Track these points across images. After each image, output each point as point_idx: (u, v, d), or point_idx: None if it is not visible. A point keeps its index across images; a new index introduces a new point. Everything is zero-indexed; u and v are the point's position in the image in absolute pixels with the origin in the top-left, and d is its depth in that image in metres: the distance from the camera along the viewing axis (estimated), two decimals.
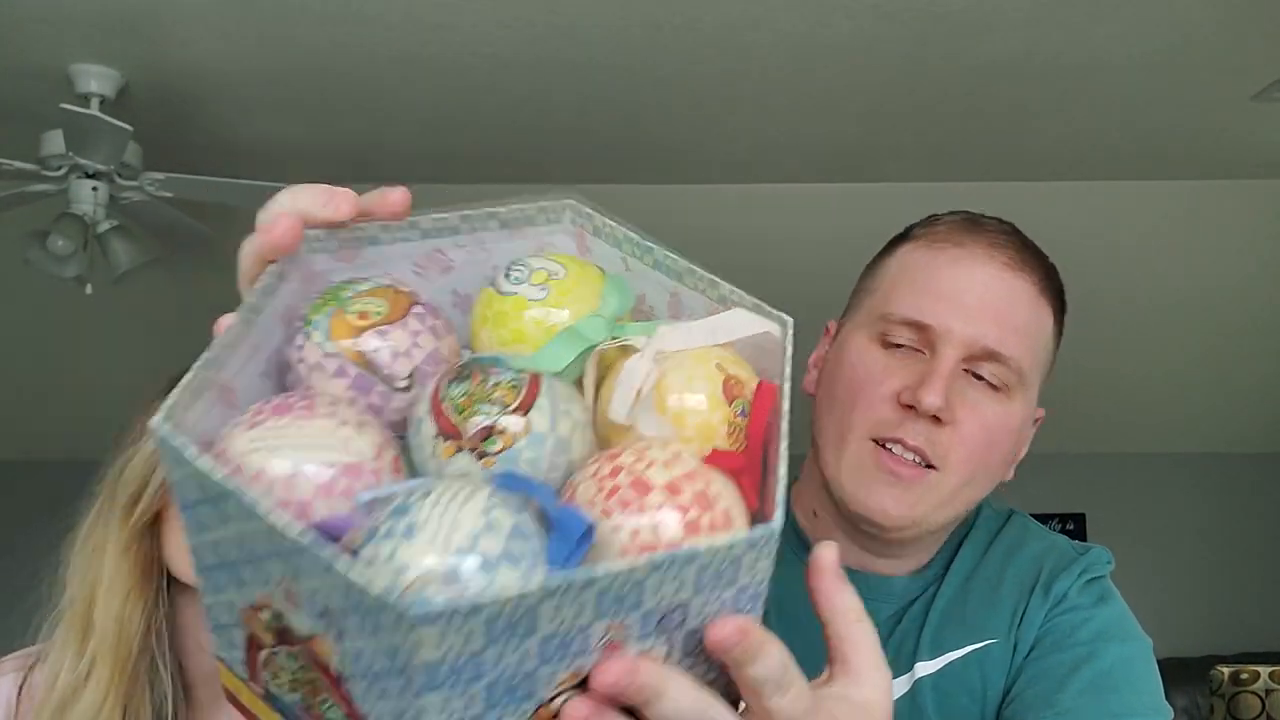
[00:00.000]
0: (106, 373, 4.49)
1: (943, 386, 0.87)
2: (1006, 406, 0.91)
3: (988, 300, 0.90)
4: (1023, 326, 0.92)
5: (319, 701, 0.47)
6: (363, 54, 2.96)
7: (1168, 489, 5.19)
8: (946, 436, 0.88)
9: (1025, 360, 0.91)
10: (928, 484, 0.89)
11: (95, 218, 3.10)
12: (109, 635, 0.97)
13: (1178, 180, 3.96)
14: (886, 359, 0.91)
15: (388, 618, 0.39)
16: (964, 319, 0.89)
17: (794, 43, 2.91)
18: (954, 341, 0.89)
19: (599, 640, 0.45)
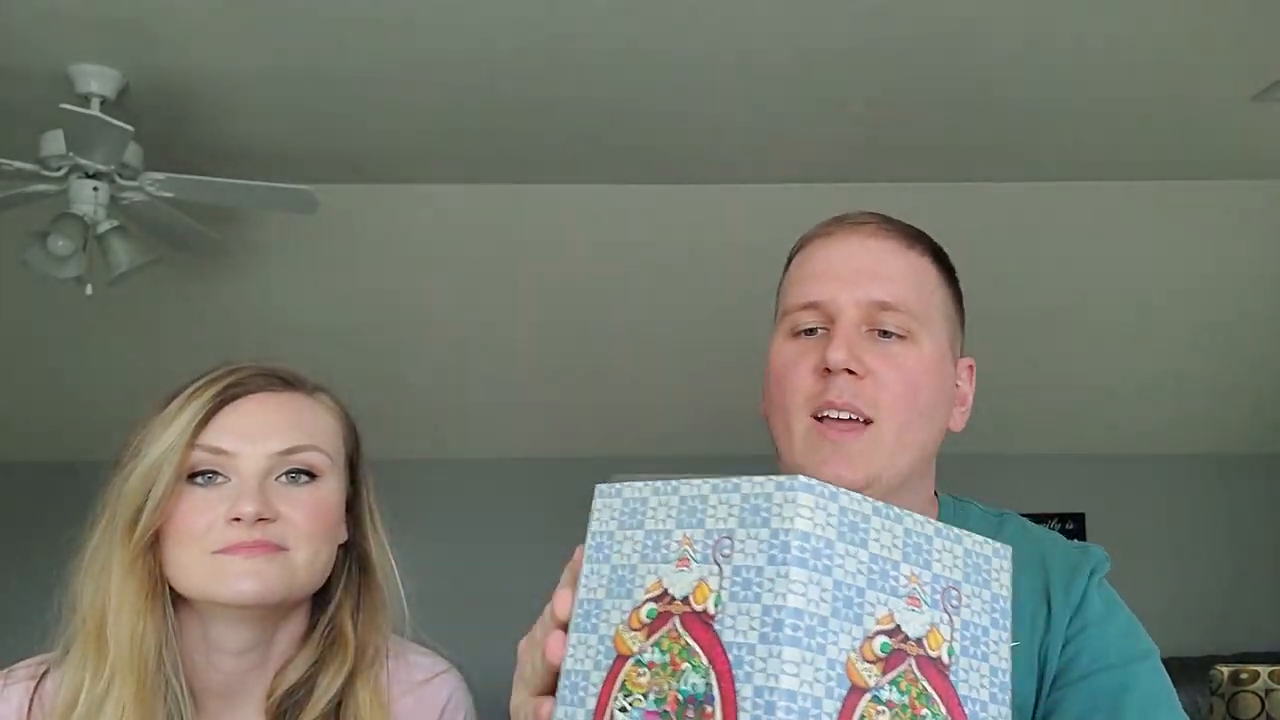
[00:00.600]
0: (106, 373, 4.49)
1: (844, 342, 0.95)
2: (915, 349, 0.98)
3: (863, 263, 1.00)
4: (900, 275, 1.00)
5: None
6: (363, 55, 2.96)
7: (1168, 489, 5.19)
8: (868, 387, 0.96)
9: (914, 303, 0.99)
10: (869, 437, 0.96)
11: (95, 218, 3.10)
12: (124, 653, 0.97)
13: (1178, 180, 3.96)
14: (799, 345, 1.00)
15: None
16: (846, 284, 0.99)
17: (794, 43, 2.91)
18: (845, 305, 0.98)
19: (903, 587, 0.56)
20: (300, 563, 1.01)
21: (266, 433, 1.02)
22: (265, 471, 1.01)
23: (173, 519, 0.99)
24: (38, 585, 1.06)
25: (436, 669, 1.10)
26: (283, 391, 1.06)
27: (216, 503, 1.00)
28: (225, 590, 0.98)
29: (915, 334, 0.98)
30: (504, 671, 2.06)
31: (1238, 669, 4.13)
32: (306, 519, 1.02)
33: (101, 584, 1.00)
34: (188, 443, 1.00)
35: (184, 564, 0.99)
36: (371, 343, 4.43)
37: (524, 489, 5.10)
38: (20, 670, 1.04)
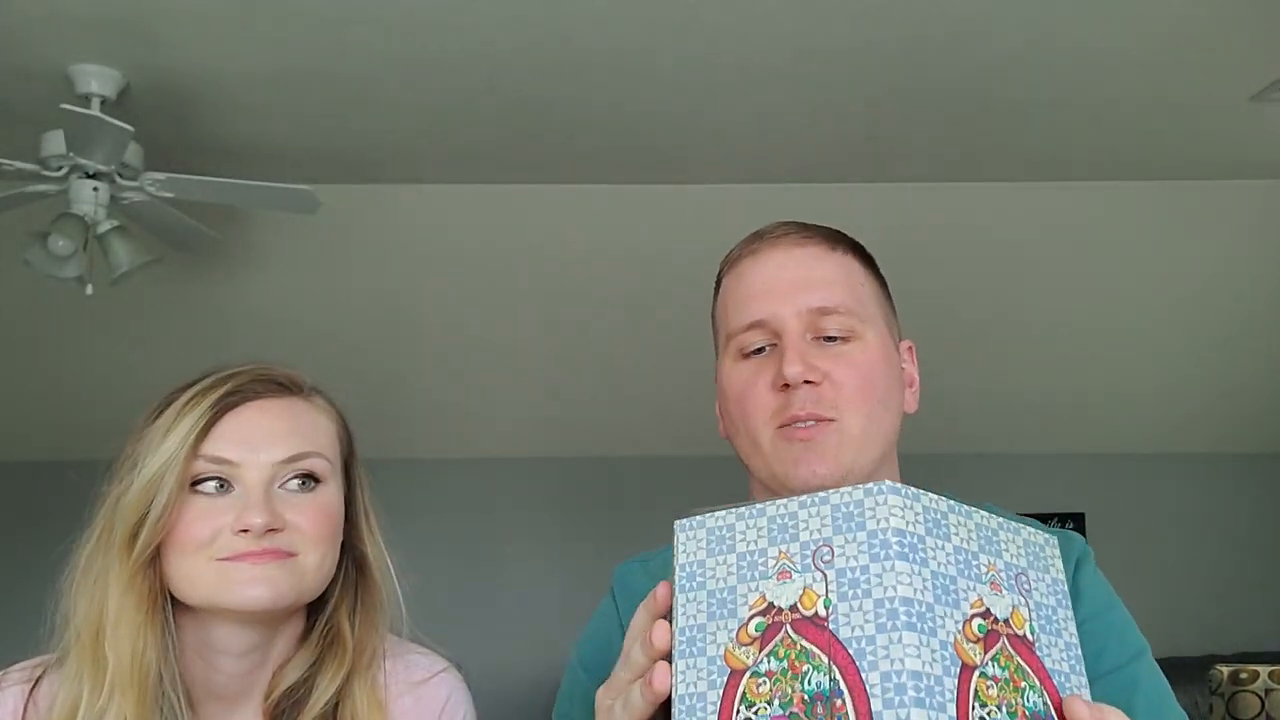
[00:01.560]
0: (106, 373, 4.49)
1: (796, 355, 0.98)
2: (861, 344, 1.02)
3: (793, 274, 1.03)
4: (832, 277, 1.03)
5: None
6: (363, 54, 2.96)
7: (1167, 489, 5.19)
8: (827, 391, 0.99)
9: (850, 301, 1.03)
10: (835, 434, 0.99)
11: (95, 218, 3.10)
12: (125, 668, 0.96)
13: (1177, 180, 3.96)
14: (751, 365, 1.03)
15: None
16: (784, 298, 1.02)
17: (792, 44, 2.91)
18: (787, 318, 1.01)
19: (985, 574, 0.63)
20: (309, 567, 1.01)
21: (269, 441, 1.02)
22: (270, 480, 1.01)
23: (175, 529, 0.99)
24: (37, 585, 1.06)
25: (435, 668, 1.10)
26: (282, 397, 1.05)
27: (221, 512, 0.99)
28: (234, 598, 0.98)
29: (858, 331, 1.02)
30: (502, 669, 2.08)
31: (1238, 669, 4.13)
32: (313, 525, 1.02)
33: (97, 598, 0.99)
34: (189, 453, 0.99)
35: (189, 573, 0.99)
36: (371, 342, 4.43)
37: (524, 489, 5.10)
38: (15, 674, 1.04)
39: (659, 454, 5.08)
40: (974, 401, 4.66)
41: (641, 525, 4.65)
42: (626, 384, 4.73)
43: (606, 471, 5.10)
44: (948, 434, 4.60)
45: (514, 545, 5.08)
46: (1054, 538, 0.75)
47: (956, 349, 4.34)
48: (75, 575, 1.01)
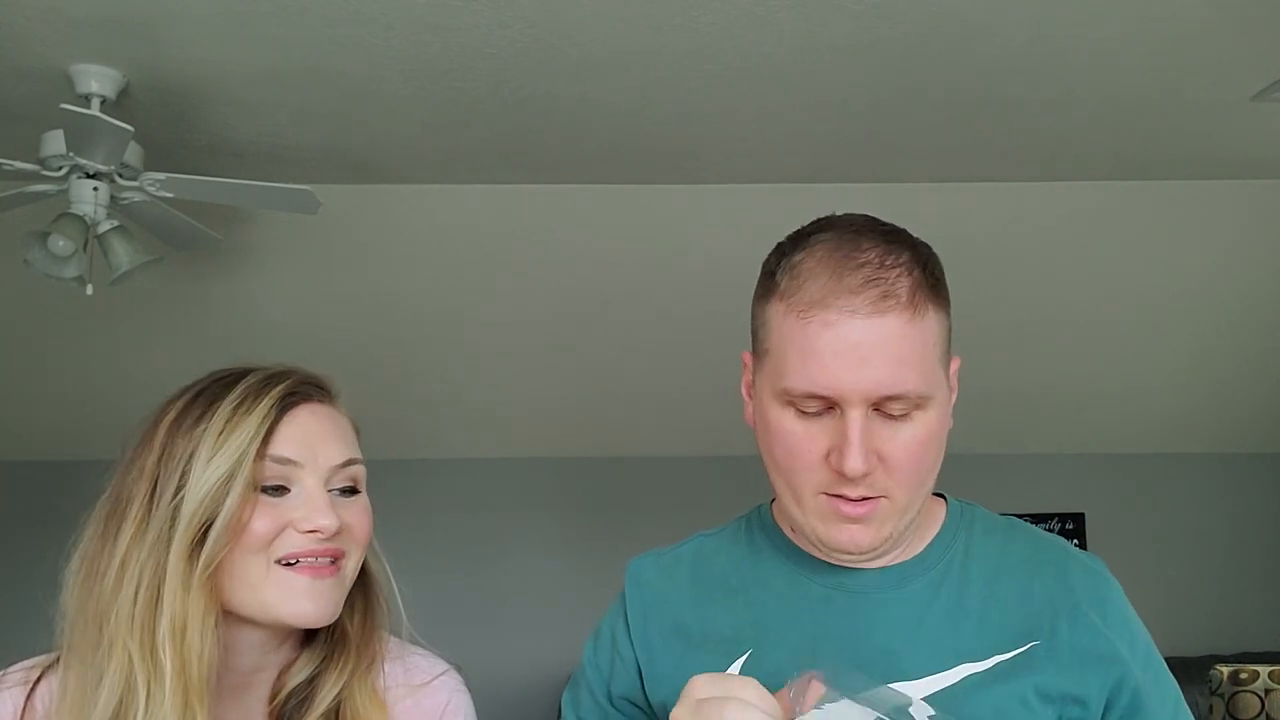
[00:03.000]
0: (106, 373, 4.49)
1: (858, 451, 0.94)
2: (922, 422, 0.98)
3: (867, 352, 0.95)
4: (907, 357, 0.96)
5: None
6: (363, 54, 2.96)
7: (1167, 489, 5.19)
8: (881, 476, 0.97)
9: (921, 384, 0.96)
10: (883, 511, 0.98)
11: (95, 218, 3.10)
12: (195, 672, 0.95)
13: (1178, 180, 3.96)
14: (805, 425, 0.98)
15: None
16: (853, 379, 0.94)
17: (794, 43, 2.91)
18: (853, 401, 0.95)
19: None
20: (349, 574, 1.03)
21: (326, 443, 1.03)
22: (325, 481, 1.02)
23: (240, 531, 0.98)
24: (37, 585, 1.06)
25: (435, 670, 1.10)
26: (326, 402, 1.07)
27: (283, 513, 1.00)
28: (285, 608, 0.98)
29: (922, 405, 0.97)
30: (503, 670, 2.08)
31: (1238, 669, 4.13)
32: (361, 529, 1.04)
33: (145, 600, 0.96)
34: (258, 453, 0.98)
35: (249, 575, 0.98)
36: (372, 343, 4.43)
37: (525, 489, 5.10)
38: (13, 675, 1.03)
39: (661, 454, 5.09)
40: (974, 402, 4.64)
41: (644, 525, 4.66)
42: (629, 384, 4.73)
43: (609, 471, 5.11)
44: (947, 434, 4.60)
45: (515, 545, 5.08)
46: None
47: (956, 349, 4.33)
48: (102, 581, 0.98)
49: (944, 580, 1.04)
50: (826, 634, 1.01)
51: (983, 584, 1.04)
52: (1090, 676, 1.00)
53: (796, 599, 1.04)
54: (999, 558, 1.07)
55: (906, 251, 1.01)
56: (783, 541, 1.09)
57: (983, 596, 1.03)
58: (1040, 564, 1.06)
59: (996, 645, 1.01)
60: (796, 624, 1.02)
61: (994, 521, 1.11)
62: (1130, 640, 1.04)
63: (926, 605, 1.03)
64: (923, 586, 1.04)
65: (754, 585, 1.07)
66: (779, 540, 1.09)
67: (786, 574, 1.07)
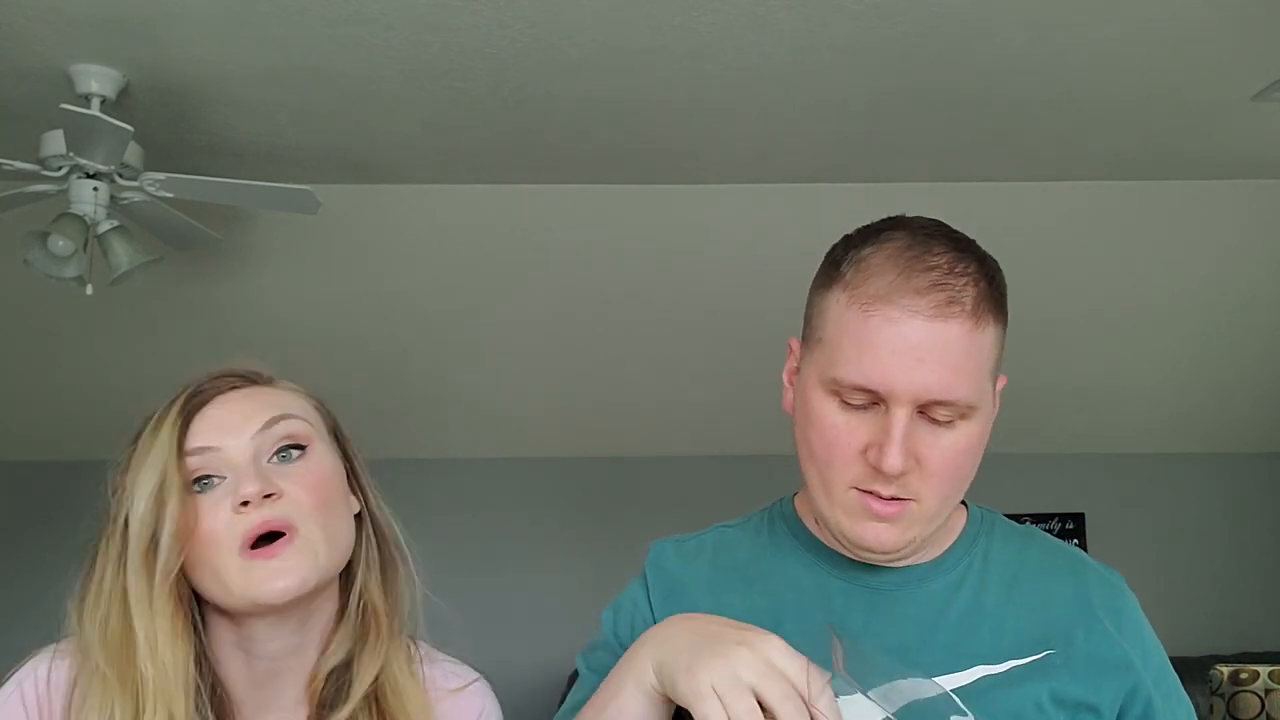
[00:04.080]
0: (106, 373, 4.49)
1: (899, 449, 0.94)
2: (964, 433, 0.98)
3: (924, 354, 0.95)
4: (962, 365, 0.96)
5: None
6: (363, 54, 2.96)
7: (1167, 489, 5.19)
8: (915, 479, 0.97)
9: (971, 394, 0.97)
10: (911, 514, 0.99)
11: (95, 218, 3.10)
12: (167, 680, 0.96)
13: (1178, 180, 3.96)
14: (847, 417, 0.98)
15: None
16: (906, 378, 0.94)
17: (794, 43, 2.91)
18: (902, 400, 0.95)
19: None
20: (317, 539, 1.00)
21: (243, 420, 1.02)
22: (254, 454, 1.01)
23: (192, 534, 0.99)
24: (37, 583, 1.06)
25: (469, 678, 1.11)
26: (244, 388, 1.06)
27: (221, 500, 0.99)
28: (258, 591, 0.98)
29: (967, 415, 0.98)
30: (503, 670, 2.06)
31: (1238, 669, 4.13)
32: (308, 492, 1.01)
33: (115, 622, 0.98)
34: (176, 455, 0.99)
35: (217, 573, 0.99)
36: (371, 342, 4.43)
37: (525, 489, 5.10)
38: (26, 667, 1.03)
39: (663, 454, 5.09)
40: None
41: (644, 525, 4.65)
42: (631, 384, 4.73)
43: (610, 471, 5.10)
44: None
45: (515, 545, 5.08)
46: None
47: None
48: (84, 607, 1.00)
49: (963, 583, 1.06)
50: (842, 628, 1.01)
51: (1001, 589, 1.06)
52: (1104, 685, 1.01)
53: (815, 592, 1.06)
54: (1017, 564, 1.08)
55: (975, 262, 1.02)
56: (805, 534, 1.10)
57: (1000, 601, 1.05)
58: (1058, 573, 1.08)
59: (1012, 650, 1.01)
60: (813, 617, 1.03)
61: (1013, 529, 1.13)
62: (1144, 653, 1.05)
63: (944, 606, 1.04)
64: (942, 588, 1.05)
65: (773, 575, 1.08)
66: (801, 533, 1.10)
67: (806, 566, 1.08)
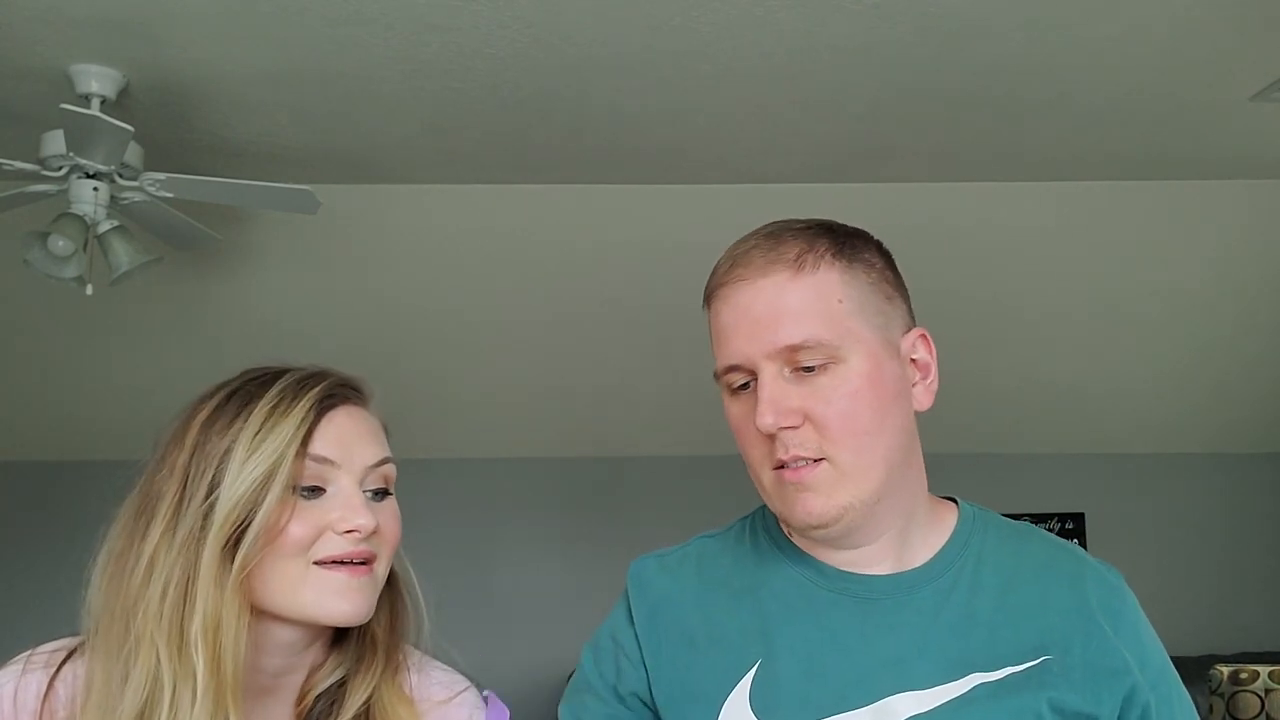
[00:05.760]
0: (106, 373, 4.49)
1: (767, 407, 0.96)
2: (841, 372, 0.98)
3: (760, 311, 0.99)
4: (799, 307, 0.98)
5: None
6: (363, 54, 2.96)
7: (1167, 489, 5.19)
8: (808, 433, 0.97)
9: (821, 330, 0.98)
10: (826, 474, 0.98)
11: (95, 218, 3.10)
12: (228, 673, 0.94)
13: (1178, 180, 3.96)
14: (740, 403, 1.02)
15: None
16: (751, 339, 0.99)
17: (793, 43, 2.91)
18: (758, 361, 0.98)
19: None
20: (380, 575, 1.02)
21: (361, 444, 1.03)
22: (359, 482, 1.02)
23: (279, 533, 0.97)
24: (37, 583, 1.06)
25: (457, 687, 1.10)
26: (360, 404, 1.07)
27: (319, 516, 0.99)
28: (323, 609, 0.97)
29: (837, 356, 0.98)
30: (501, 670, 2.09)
31: (1238, 669, 4.13)
32: (392, 533, 1.04)
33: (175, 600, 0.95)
34: (297, 453, 0.98)
35: (288, 578, 0.98)
36: (371, 342, 4.43)
37: (524, 489, 5.10)
38: (38, 657, 1.03)
39: (660, 454, 5.08)
40: (973, 402, 4.66)
41: (643, 525, 4.67)
42: (627, 384, 4.73)
43: (607, 472, 5.10)
44: (947, 434, 4.60)
45: (515, 546, 5.08)
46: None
47: (955, 349, 4.31)
48: (130, 577, 0.97)
49: (954, 587, 1.02)
50: (833, 641, 1.00)
51: (995, 592, 1.02)
52: (1103, 693, 0.99)
53: (803, 605, 1.03)
54: (1013, 566, 1.05)
55: (800, 226, 1.04)
56: (786, 544, 1.08)
57: (994, 605, 1.01)
58: (1055, 574, 1.05)
59: (1008, 656, 0.99)
60: (803, 631, 1.01)
61: (1009, 528, 1.09)
62: (1141, 654, 1.03)
63: (935, 613, 1.01)
64: (932, 594, 1.02)
65: (760, 588, 1.05)
66: (783, 542, 1.08)
67: (791, 578, 1.05)
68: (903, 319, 1.05)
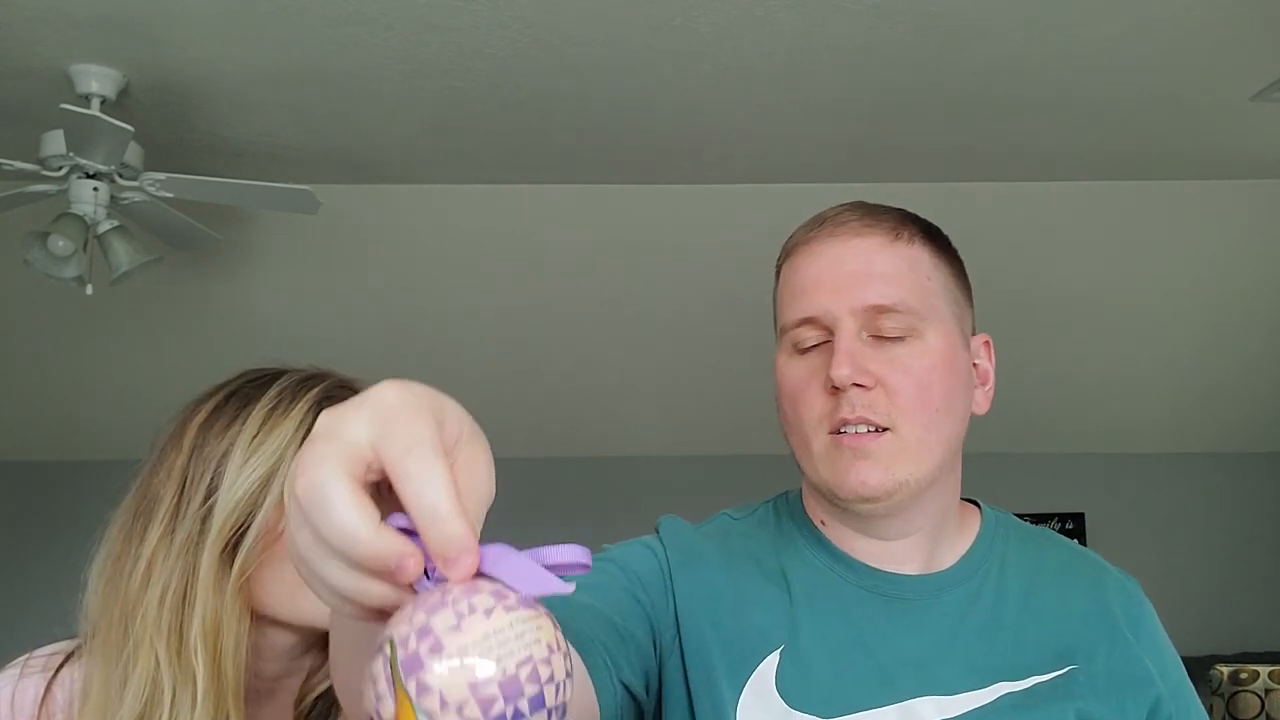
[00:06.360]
0: (106, 373, 4.49)
1: (845, 358, 0.93)
2: (921, 345, 0.96)
3: (851, 267, 0.97)
4: (892, 271, 0.97)
5: None
6: (363, 54, 2.96)
7: (1167, 489, 5.19)
8: (879, 397, 0.94)
9: (911, 298, 0.96)
10: (889, 445, 0.94)
11: (95, 218, 3.10)
12: (226, 679, 0.93)
13: (1178, 180, 3.96)
14: (805, 362, 0.98)
15: None
16: (838, 293, 0.96)
17: (793, 43, 2.91)
18: (840, 315, 0.95)
19: None
20: None
21: None
22: None
23: (275, 538, 0.96)
24: (36, 583, 1.06)
25: None
26: None
27: None
28: (323, 615, 0.94)
29: (919, 330, 0.96)
30: None
31: (1238, 669, 4.13)
32: None
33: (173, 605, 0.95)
34: (296, 455, 0.96)
35: (286, 582, 0.96)
36: (370, 342, 4.43)
37: (524, 489, 5.10)
38: (36, 661, 1.02)
39: (661, 454, 5.08)
40: None
41: (642, 526, 4.66)
42: (628, 384, 4.73)
43: (608, 471, 5.10)
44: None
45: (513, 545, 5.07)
46: None
47: None
48: (128, 581, 0.96)
49: (980, 592, 1.01)
50: (860, 637, 0.96)
51: (1018, 598, 1.01)
52: (1128, 703, 0.97)
53: (829, 597, 0.99)
54: (1034, 571, 1.03)
55: (898, 209, 1.04)
56: (814, 533, 1.04)
57: (1018, 611, 1.00)
58: (1076, 578, 1.03)
59: (1033, 665, 0.97)
60: (829, 623, 0.97)
61: (1028, 532, 1.08)
62: (1162, 664, 1.01)
63: (961, 618, 0.99)
64: (958, 598, 1.00)
65: (787, 572, 1.01)
66: (809, 532, 1.04)
67: (818, 569, 1.01)
68: (972, 320, 1.05)
